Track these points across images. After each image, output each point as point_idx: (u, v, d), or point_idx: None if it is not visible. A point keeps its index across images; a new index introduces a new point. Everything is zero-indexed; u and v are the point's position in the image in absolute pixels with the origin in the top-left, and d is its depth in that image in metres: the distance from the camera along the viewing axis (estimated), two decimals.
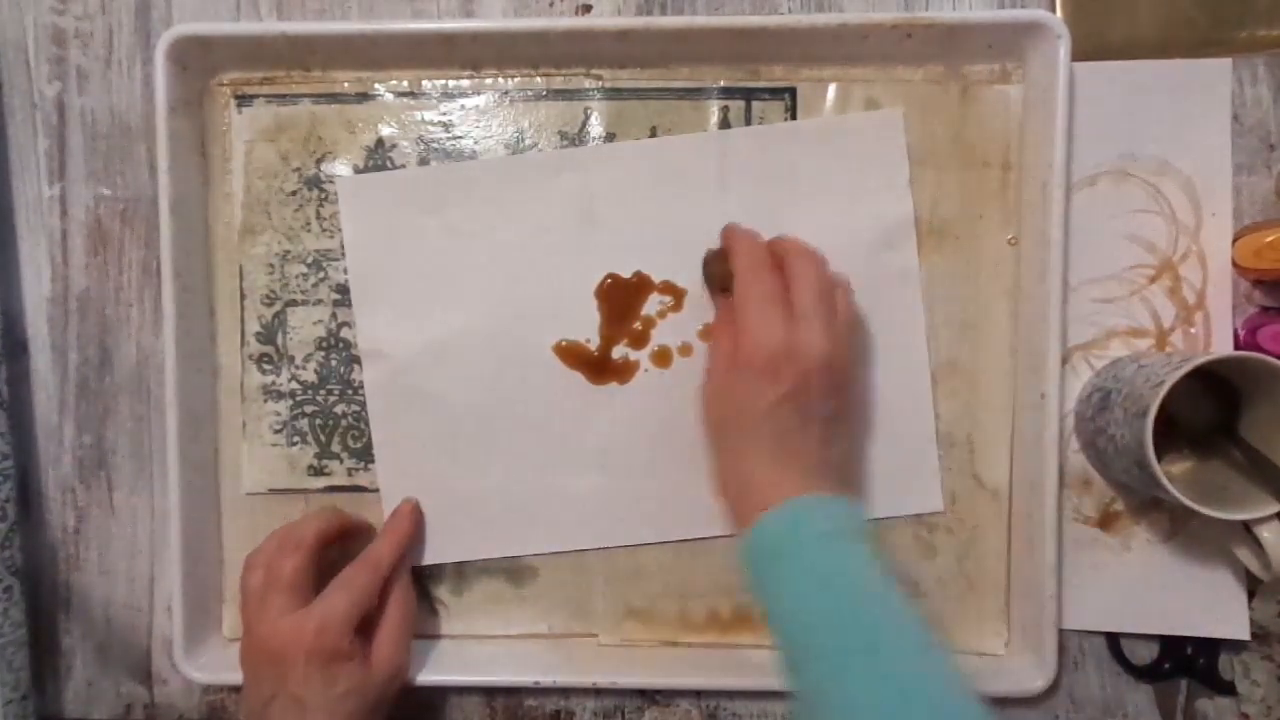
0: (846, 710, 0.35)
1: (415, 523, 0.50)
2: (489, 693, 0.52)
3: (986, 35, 0.48)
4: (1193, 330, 0.49)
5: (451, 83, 0.51)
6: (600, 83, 0.50)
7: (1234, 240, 0.49)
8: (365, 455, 0.51)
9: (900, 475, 0.50)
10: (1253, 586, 0.49)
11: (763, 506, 0.40)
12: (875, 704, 0.34)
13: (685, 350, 0.50)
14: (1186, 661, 0.49)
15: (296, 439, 0.51)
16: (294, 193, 0.51)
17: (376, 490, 0.51)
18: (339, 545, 0.48)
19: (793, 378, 0.41)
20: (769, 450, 0.42)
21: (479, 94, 0.50)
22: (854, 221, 0.49)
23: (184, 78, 0.49)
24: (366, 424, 0.51)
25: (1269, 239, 0.46)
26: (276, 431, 0.51)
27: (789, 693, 0.38)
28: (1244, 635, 0.49)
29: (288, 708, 0.42)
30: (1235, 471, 0.45)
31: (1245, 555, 0.46)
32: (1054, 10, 0.49)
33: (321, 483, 0.51)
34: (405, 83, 0.51)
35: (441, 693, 0.52)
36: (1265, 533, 0.43)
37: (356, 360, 0.51)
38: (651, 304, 0.50)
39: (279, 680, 0.43)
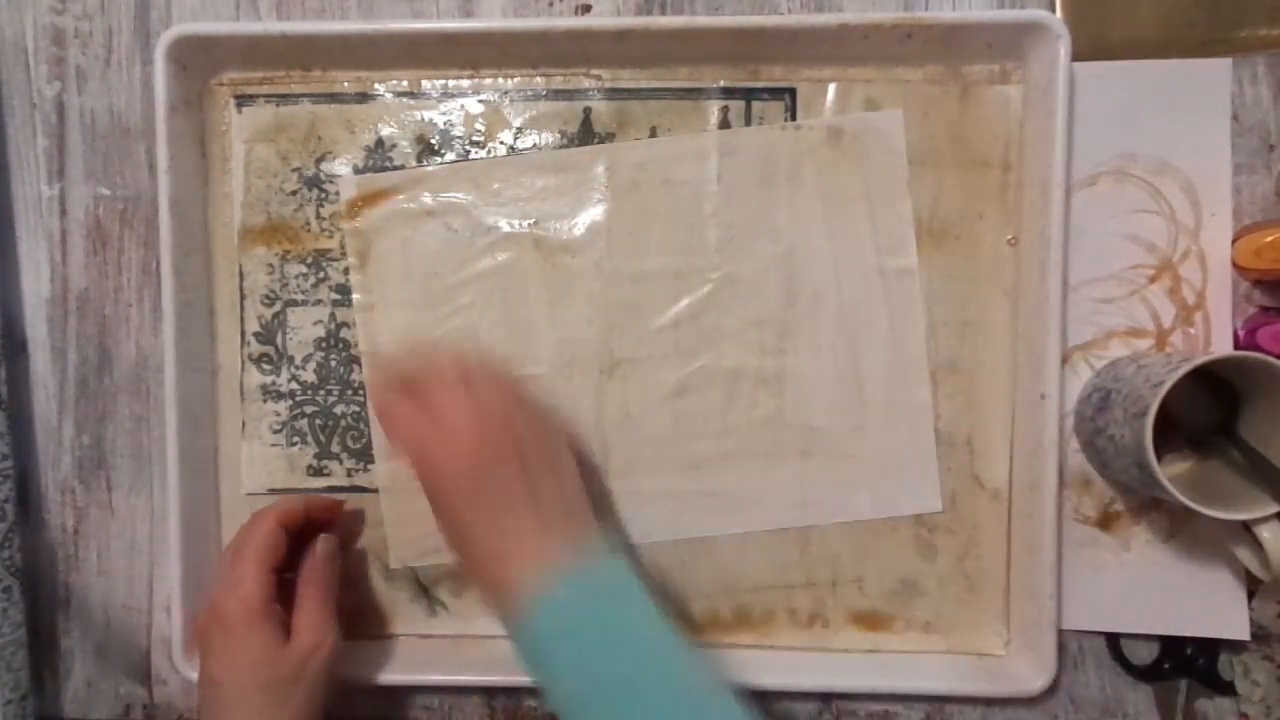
0: None
1: (314, 501, 0.48)
2: (489, 693, 0.52)
3: (986, 35, 0.48)
4: (1192, 330, 0.49)
5: (451, 83, 0.50)
6: (600, 83, 0.50)
7: (1234, 240, 0.49)
8: (365, 455, 0.51)
9: (900, 475, 0.50)
10: (1253, 586, 0.49)
11: (518, 587, 0.39)
12: None
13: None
14: (1186, 661, 0.49)
15: (296, 439, 0.51)
16: (294, 193, 0.51)
17: (376, 490, 0.51)
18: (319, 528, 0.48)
19: (453, 462, 0.40)
20: (496, 528, 0.40)
21: (479, 94, 0.50)
22: (853, 222, 0.49)
23: (184, 78, 0.49)
24: (366, 424, 0.51)
25: (1269, 239, 0.46)
26: (276, 432, 0.51)
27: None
28: (1244, 635, 0.49)
29: (205, 687, 0.43)
30: (1235, 471, 0.45)
31: (1245, 555, 0.46)
32: (1054, 10, 0.49)
33: (321, 483, 0.51)
34: (405, 83, 0.51)
35: (441, 692, 0.52)
36: (1265, 533, 0.43)
37: (356, 360, 0.51)
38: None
39: (204, 656, 0.44)
